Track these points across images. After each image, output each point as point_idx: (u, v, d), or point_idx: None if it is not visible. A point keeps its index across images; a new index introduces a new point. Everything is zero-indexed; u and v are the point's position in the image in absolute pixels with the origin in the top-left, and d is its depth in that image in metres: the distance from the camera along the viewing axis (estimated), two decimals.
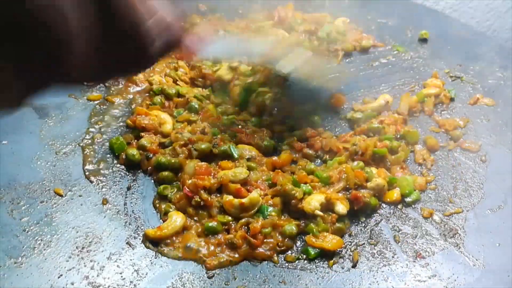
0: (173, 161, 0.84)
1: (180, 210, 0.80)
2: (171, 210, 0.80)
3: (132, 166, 0.87)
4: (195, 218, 0.79)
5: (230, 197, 0.79)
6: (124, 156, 0.88)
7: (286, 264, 0.74)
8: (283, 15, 1.15)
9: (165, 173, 0.84)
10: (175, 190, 0.83)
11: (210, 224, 0.77)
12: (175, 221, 0.77)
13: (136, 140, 0.90)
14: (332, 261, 0.74)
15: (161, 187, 0.83)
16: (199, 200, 0.79)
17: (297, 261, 0.74)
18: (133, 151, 0.87)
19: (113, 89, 1.02)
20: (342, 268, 0.74)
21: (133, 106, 0.98)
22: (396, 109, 1.00)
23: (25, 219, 0.77)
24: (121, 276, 0.71)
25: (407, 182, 0.84)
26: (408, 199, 0.83)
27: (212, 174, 0.82)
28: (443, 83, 1.06)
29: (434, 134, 0.96)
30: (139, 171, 0.87)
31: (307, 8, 1.28)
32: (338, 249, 0.76)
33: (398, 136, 0.94)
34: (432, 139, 0.94)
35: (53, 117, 0.95)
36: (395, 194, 0.83)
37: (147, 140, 0.88)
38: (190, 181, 0.81)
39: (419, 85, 1.08)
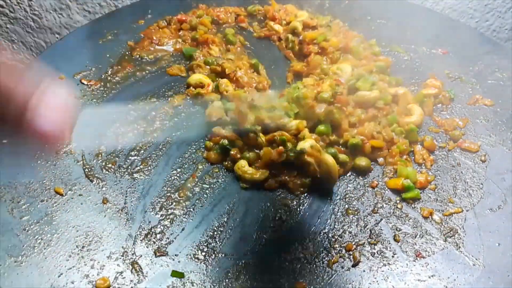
0: None
1: None
2: None
3: None
4: None
5: None
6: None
7: (286, 263, 0.74)
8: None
9: None
10: None
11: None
12: None
13: None
14: (332, 260, 0.75)
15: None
16: None
17: (297, 260, 0.75)
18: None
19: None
20: (342, 267, 0.74)
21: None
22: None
23: (25, 218, 0.77)
24: (121, 275, 0.71)
25: (407, 172, 0.86)
26: (408, 194, 0.84)
27: None
28: (442, 83, 1.06)
29: (433, 134, 0.96)
30: (138, 171, 0.87)
31: (307, 9, 1.28)
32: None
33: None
34: (429, 139, 0.94)
35: None
36: (400, 181, 0.85)
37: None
38: None
39: (418, 85, 1.08)
